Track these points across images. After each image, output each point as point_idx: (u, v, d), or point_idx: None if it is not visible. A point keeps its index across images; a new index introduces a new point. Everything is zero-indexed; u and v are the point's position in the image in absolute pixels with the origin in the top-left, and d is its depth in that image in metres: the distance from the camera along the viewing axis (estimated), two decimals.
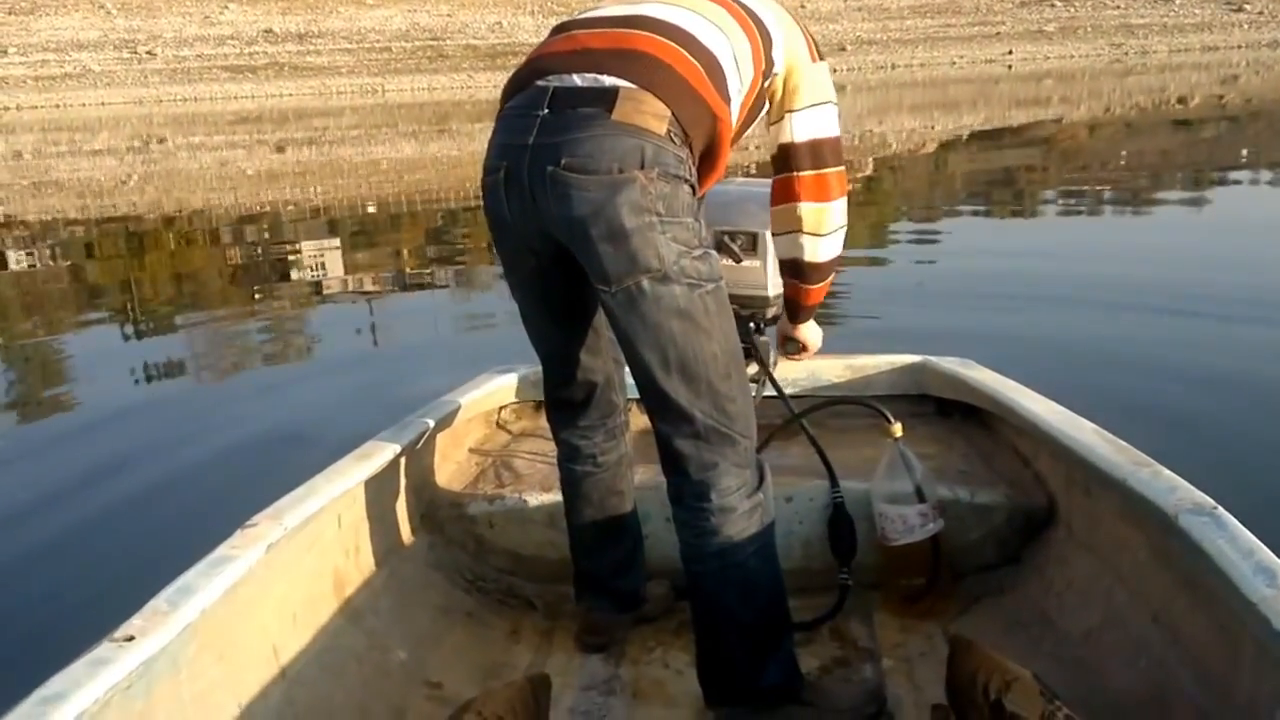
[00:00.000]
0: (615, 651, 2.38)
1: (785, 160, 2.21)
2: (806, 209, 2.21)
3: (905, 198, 12.40)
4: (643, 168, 1.80)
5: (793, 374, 2.97)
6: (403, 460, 2.49)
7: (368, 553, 2.37)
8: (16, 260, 10.76)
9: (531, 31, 50.97)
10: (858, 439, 2.70)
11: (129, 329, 7.46)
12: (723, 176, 2.15)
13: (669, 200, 1.83)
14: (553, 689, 2.06)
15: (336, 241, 11.01)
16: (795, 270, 2.33)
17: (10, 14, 54.60)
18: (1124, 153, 16.61)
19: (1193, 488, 1.88)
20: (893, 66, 51.48)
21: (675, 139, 1.86)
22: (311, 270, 9.42)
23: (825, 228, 2.24)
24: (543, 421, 2.50)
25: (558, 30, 2.10)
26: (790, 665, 2.08)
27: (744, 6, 2.08)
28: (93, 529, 3.77)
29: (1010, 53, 55.07)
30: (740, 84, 2.02)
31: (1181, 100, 26.86)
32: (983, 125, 21.91)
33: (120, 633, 1.61)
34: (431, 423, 2.60)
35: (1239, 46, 54.37)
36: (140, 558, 3.15)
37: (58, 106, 44.74)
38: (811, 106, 2.17)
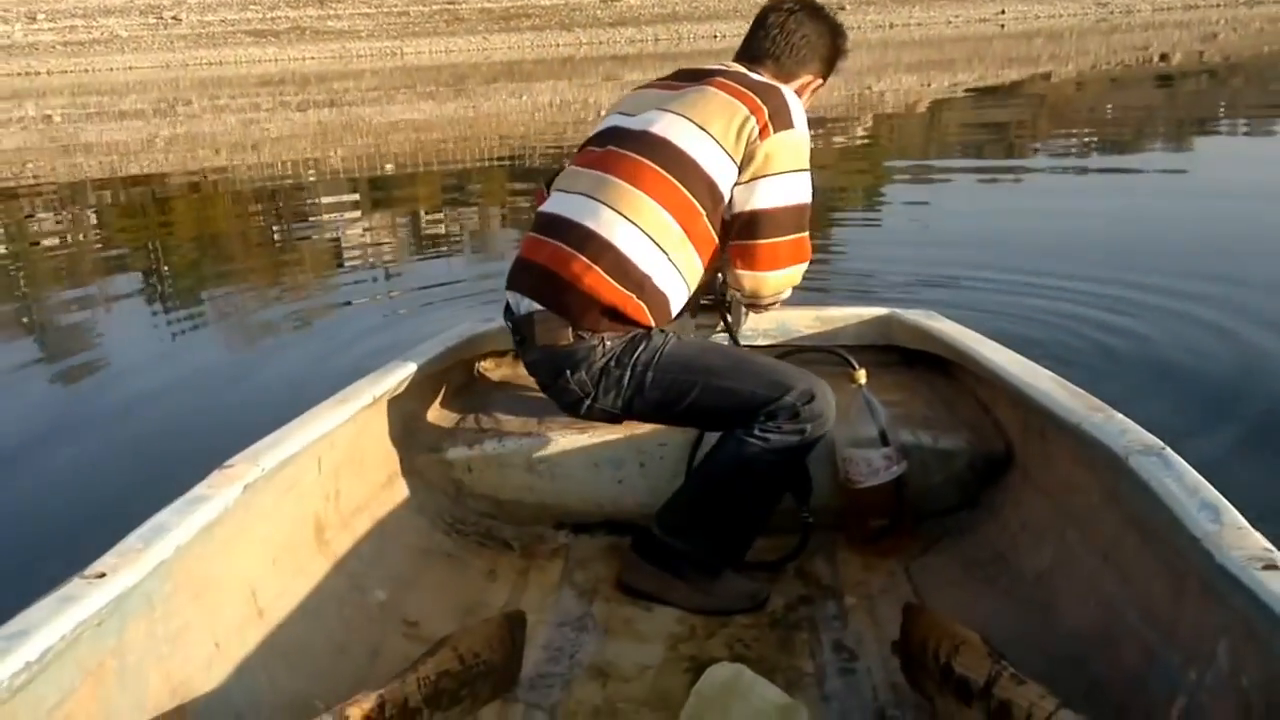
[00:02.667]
0: (588, 590, 2.41)
1: (735, 228, 2.34)
2: (749, 276, 2.38)
3: (901, 153, 12.23)
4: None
5: (763, 325, 2.99)
6: (383, 405, 2.47)
7: (347, 496, 2.33)
8: (46, 220, 10.70)
9: None
10: None
11: (152, 283, 7.38)
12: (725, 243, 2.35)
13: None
14: (527, 626, 2.06)
15: (355, 198, 10.92)
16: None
17: None
18: (1109, 107, 16.46)
19: (1142, 430, 1.89)
20: (890, 26, 51.01)
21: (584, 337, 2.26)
22: (330, 226, 9.33)
23: (767, 292, 2.44)
24: (521, 370, 2.59)
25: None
26: (721, 556, 2.33)
27: (680, 166, 2.25)
28: (89, 468, 3.72)
29: (1003, 12, 54.51)
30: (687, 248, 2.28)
31: (1164, 57, 26.70)
32: (977, 82, 21.67)
33: (91, 570, 1.54)
34: (412, 369, 2.55)
35: (1218, 5, 53.76)
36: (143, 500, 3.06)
37: (86, 71, 44.50)
38: (768, 177, 2.29)
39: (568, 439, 2.58)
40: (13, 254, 8.94)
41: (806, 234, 2.39)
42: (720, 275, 2.49)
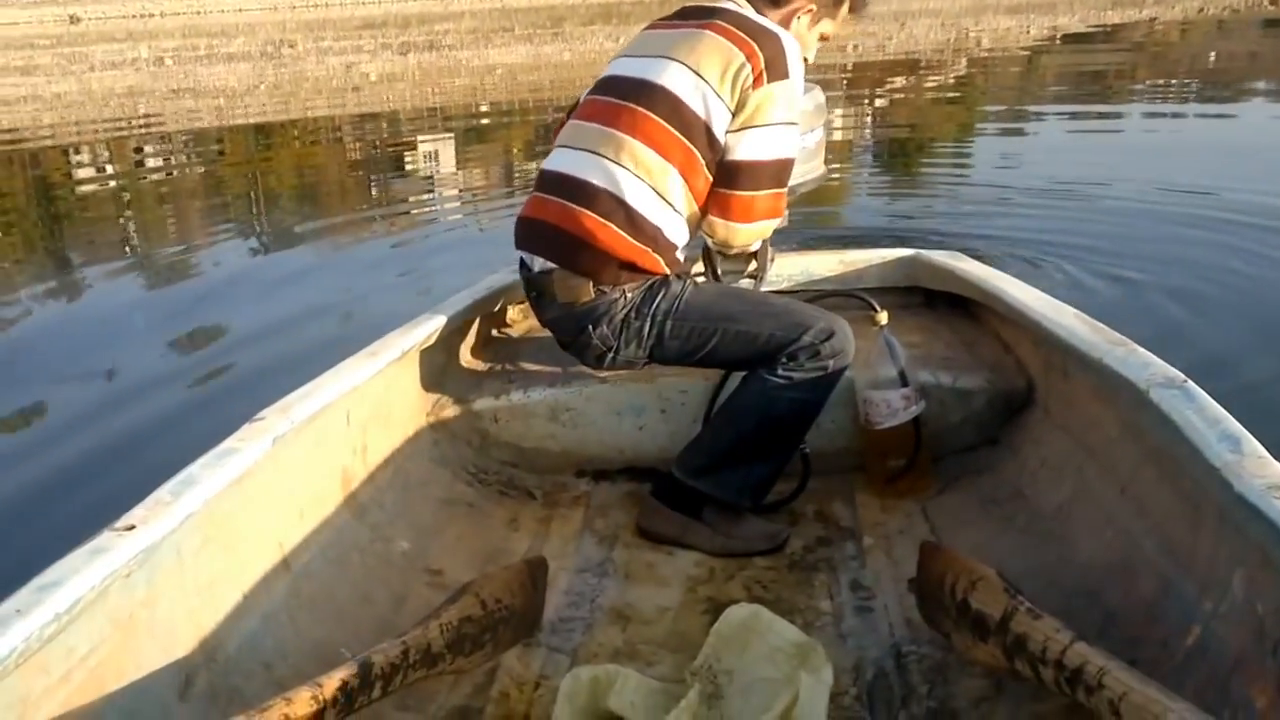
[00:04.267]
0: (609, 536, 2.43)
1: (722, 176, 2.31)
2: (722, 225, 2.35)
3: (995, 98, 11.91)
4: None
5: (788, 270, 2.99)
6: (411, 359, 2.49)
7: (375, 449, 2.36)
8: (155, 159, 11.00)
9: None
10: None
11: (252, 221, 7.59)
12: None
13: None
14: (549, 572, 2.07)
15: (450, 139, 11.01)
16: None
17: None
18: (1213, 54, 15.81)
19: (1165, 363, 1.88)
20: None
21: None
22: (425, 166, 9.45)
23: (737, 243, 2.42)
24: None
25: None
26: (742, 498, 2.34)
27: (678, 114, 2.24)
28: (198, 398, 3.85)
29: None
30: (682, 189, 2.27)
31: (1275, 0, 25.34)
32: (1078, 25, 20.91)
33: (121, 522, 1.56)
34: (439, 322, 2.56)
35: None
36: None
37: (198, 13, 45.21)
38: (755, 128, 2.26)
39: (591, 387, 2.60)
40: (123, 189, 9.24)
41: (784, 190, 2.38)
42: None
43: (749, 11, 2.35)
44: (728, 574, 2.25)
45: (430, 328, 2.51)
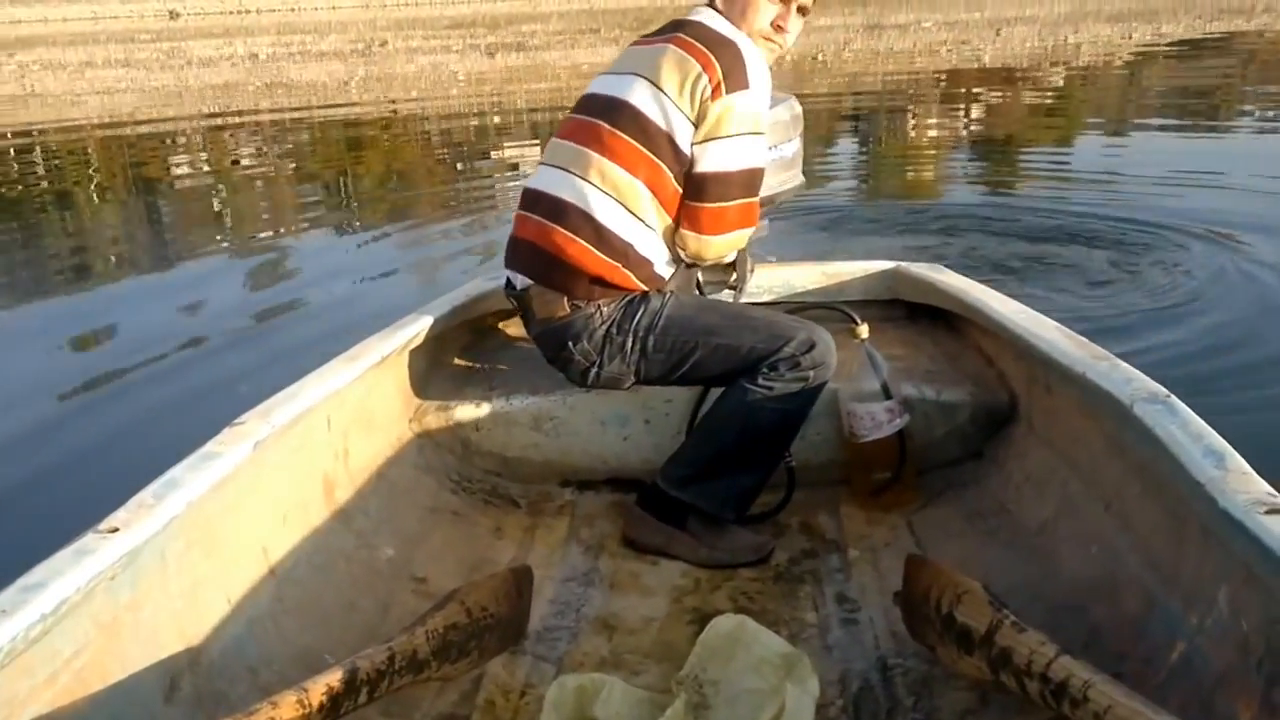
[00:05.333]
0: (594, 546, 2.41)
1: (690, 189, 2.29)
2: (693, 238, 2.33)
3: (1095, 110, 11.60)
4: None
5: (769, 282, 2.96)
6: (391, 364, 2.47)
7: (357, 454, 2.34)
8: (248, 152, 11.15)
9: None
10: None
11: (341, 213, 7.62)
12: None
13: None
14: (534, 581, 2.06)
15: (535, 142, 11.02)
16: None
17: None
18: None
19: (1148, 378, 1.88)
20: None
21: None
22: (510, 164, 9.45)
23: (709, 255, 2.39)
24: None
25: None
26: (726, 509, 2.33)
27: (643, 130, 2.23)
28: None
29: None
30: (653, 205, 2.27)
31: None
32: (1183, 34, 20.35)
33: (105, 524, 1.54)
34: (420, 327, 2.54)
35: None
36: None
37: (293, 10, 46.07)
38: (718, 140, 2.24)
39: (574, 397, 2.57)
40: (218, 181, 9.34)
41: (755, 200, 2.36)
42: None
43: (715, 22, 2.32)
44: (713, 585, 2.24)
45: (410, 333, 2.51)
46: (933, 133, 10.45)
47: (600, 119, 2.30)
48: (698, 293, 2.61)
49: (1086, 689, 1.34)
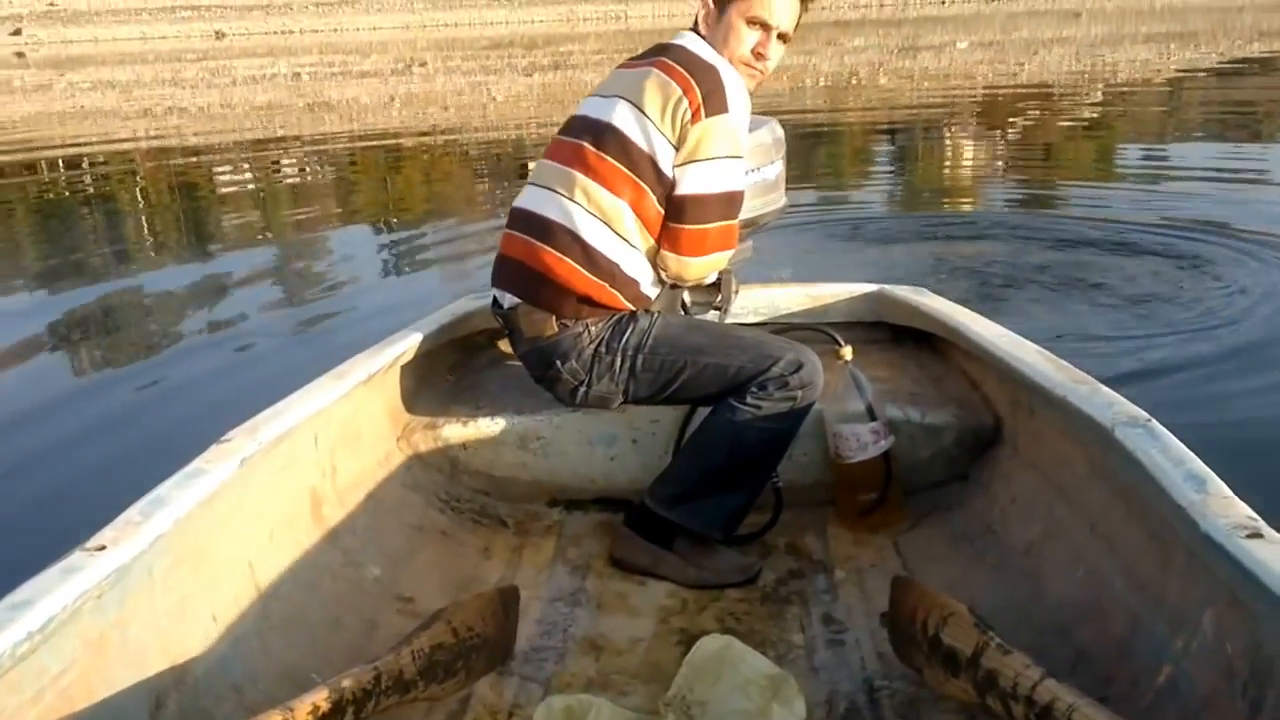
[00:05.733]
0: (581, 565, 2.41)
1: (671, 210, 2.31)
2: (674, 259, 2.35)
3: (1133, 132, 11.51)
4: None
5: (754, 303, 2.98)
6: (379, 382, 2.46)
7: (344, 472, 2.32)
8: (289, 168, 11.28)
9: None
10: None
11: (380, 230, 7.72)
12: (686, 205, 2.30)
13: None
14: (521, 601, 2.06)
15: None
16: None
17: None
18: None
19: (1128, 402, 1.89)
20: None
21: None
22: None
23: (690, 276, 2.42)
24: None
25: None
26: (713, 529, 2.33)
27: (626, 152, 2.26)
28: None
29: None
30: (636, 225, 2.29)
31: None
32: (1221, 57, 20.18)
33: (92, 542, 1.54)
34: (408, 346, 2.55)
35: None
36: None
37: (335, 31, 46.54)
38: (698, 162, 2.26)
39: (561, 416, 2.55)
40: (260, 194, 9.46)
41: (734, 222, 2.38)
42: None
43: (697, 47, 2.34)
44: (700, 605, 2.23)
45: (397, 351, 2.52)
46: (969, 150, 10.42)
47: (585, 140, 2.32)
48: (683, 313, 2.61)
49: (1071, 713, 1.35)
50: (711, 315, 2.65)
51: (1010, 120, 12.54)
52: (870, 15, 40.21)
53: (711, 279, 2.54)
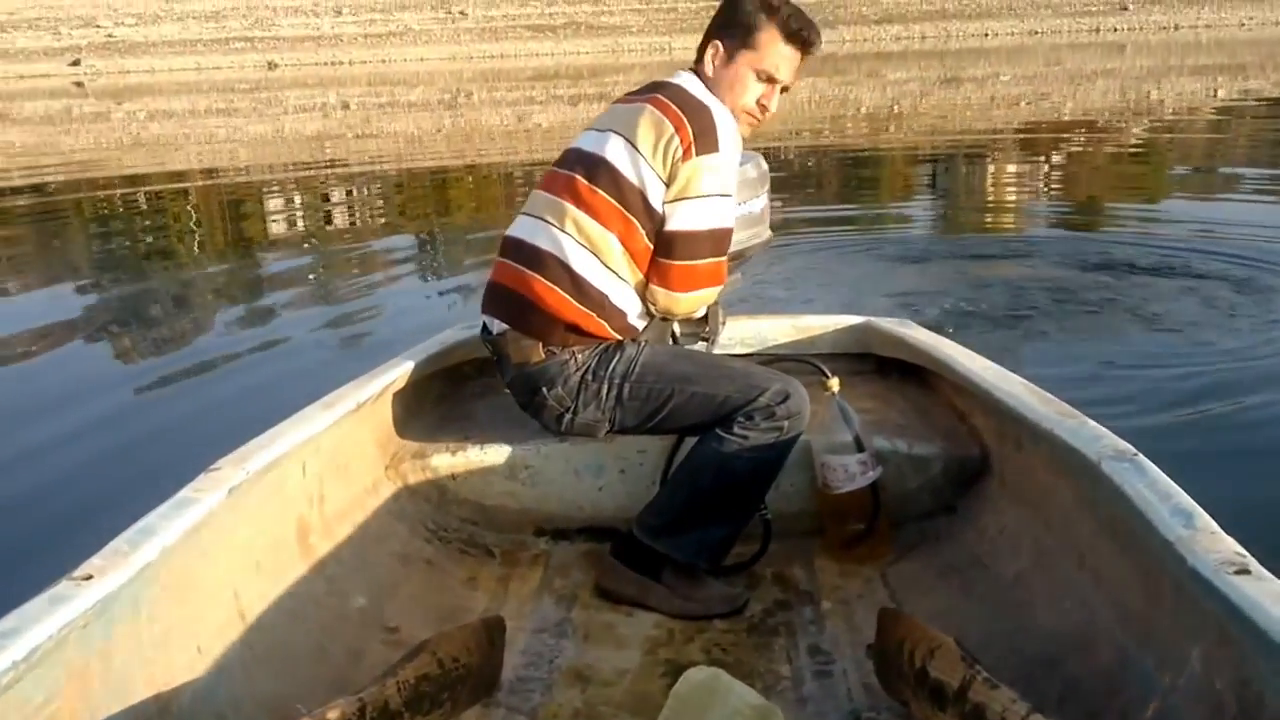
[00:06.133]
0: (568, 596, 2.40)
1: (661, 246, 2.33)
2: (663, 294, 2.37)
3: (1177, 164, 11.43)
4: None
5: (741, 333, 3.00)
6: (367, 411, 2.46)
7: (332, 501, 2.31)
8: (337, 196, 11.44)
9: None
10: None
11: (427, 251, 7.81)
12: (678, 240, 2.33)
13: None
14: (506, 631, 2.04)
15: None
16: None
17: None
18: None
19: (1115, 436, 1.89)
20: (1176, 27, 47.71)
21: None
22: None
23: (678, 311, 2.44)
24: None
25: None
26: (700, 559, 2.33)
27: (617, 186, 2.29)
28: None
29: None
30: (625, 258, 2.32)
31: None
32: (1272, 90, 19.97)
33: (79, 571, 1.54)
34: (397, 375, 2.56)
35: None
36: None
37: (382, 62, 47.12)
38: (688, 200, 2.29)
39: (549, 446, 2.55)
40: (307, 226, 9.60)
41: (724, 259, 2.40)
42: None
43: (693, 87, 2.38)
44: (687, 636, 2.23)
45: (386, 380, 2.52)
46: (1011, 181, 10.40)
47: (578, 173, 2.35)
48: (672, 343, 2.63)
49: None
50: (699, 346, 2.66)
51: (1052, 151, 12.49)
52: (912, 47, 40.18)
53: (701, 313, 2.56)
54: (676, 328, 2.63)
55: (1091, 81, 23.43)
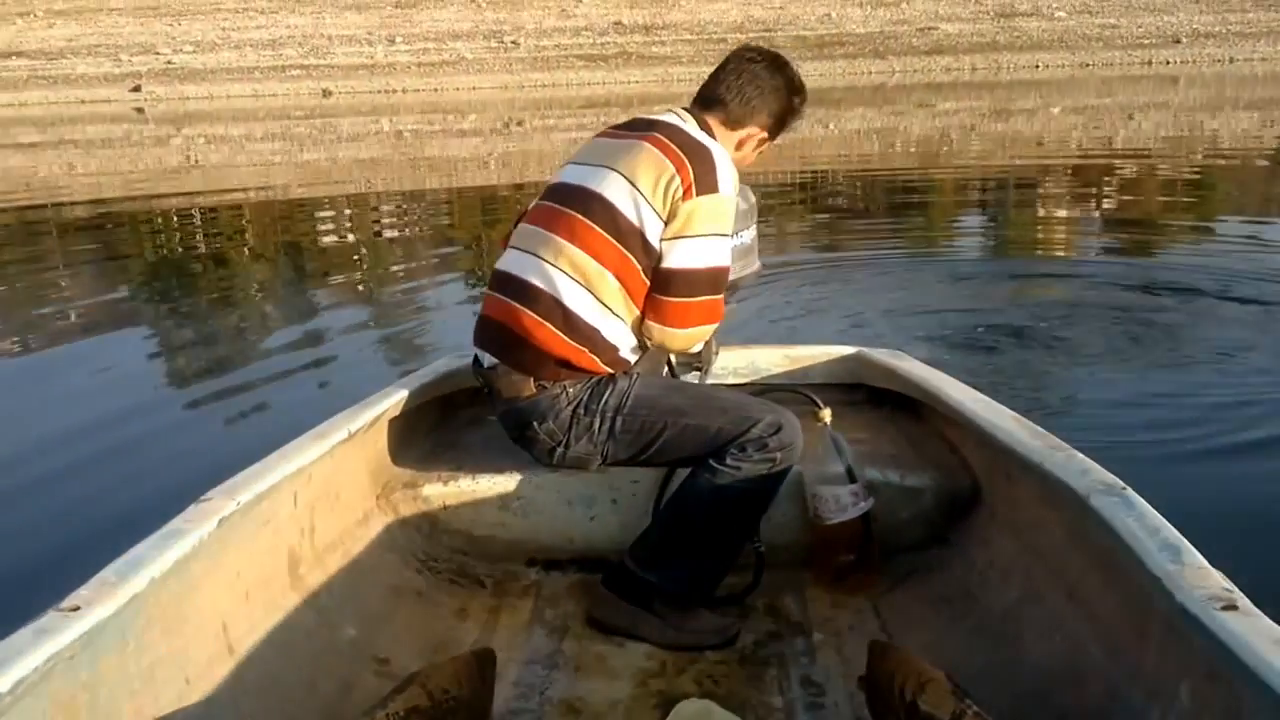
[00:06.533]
0: (559, 627, 2.39)
1: (657, 283, 2.34)
2: (658, 330, 2.37)
3: (1235, 195, 11.28)
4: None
5: (734, 363, 3.00)
6: (359, 441, 2.45)
7: (322, 531, 2.31)
8: (390, 220, 11.56)
9: (859, 23, 49.98)
10: None
11: (477, 275, 7.82)
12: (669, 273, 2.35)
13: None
14: (497, 663, 2.03)
15: None
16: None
17: (397, 7, 58.42)
18: None
19: (1103, 470, 1.89)
20: (1230, 60, 47.10)
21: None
22: None
23: (674, 347, 2.45)
24: None
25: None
26: (693, 590, 2.32)
27: (614, 223, 2.30)
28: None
29: None
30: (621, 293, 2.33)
31: None
32: None
33: (66, 603, 1.52)
34: (389, 405, 2.56)
35: None
36: None
37: (436, 90, 47.56)
38: (687, 238, 2.30)
39: (541, 476, 2.55)
40: (360, 246, 9.71)
41: (720, 297, 2.41)
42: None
43: (688, 125, 2.43)
44: (679, 667, 2.22)
45: (378, 410, 2.51)
46: (1062, 210, 10.31)
47: (573, 209, 2.36)
48: (669, 374, 2.64)
49: None
50: (692, 376, 2.67)
51: (1103, 183, 12.37)
52: (962, 78, 40.02)
53: (696, 349, 2.58)
54: (673, 359, 2.64)
55: (1144, 113, 23.18)
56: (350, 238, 10.64)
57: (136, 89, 42.81)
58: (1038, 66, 43.55)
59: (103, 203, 13.66)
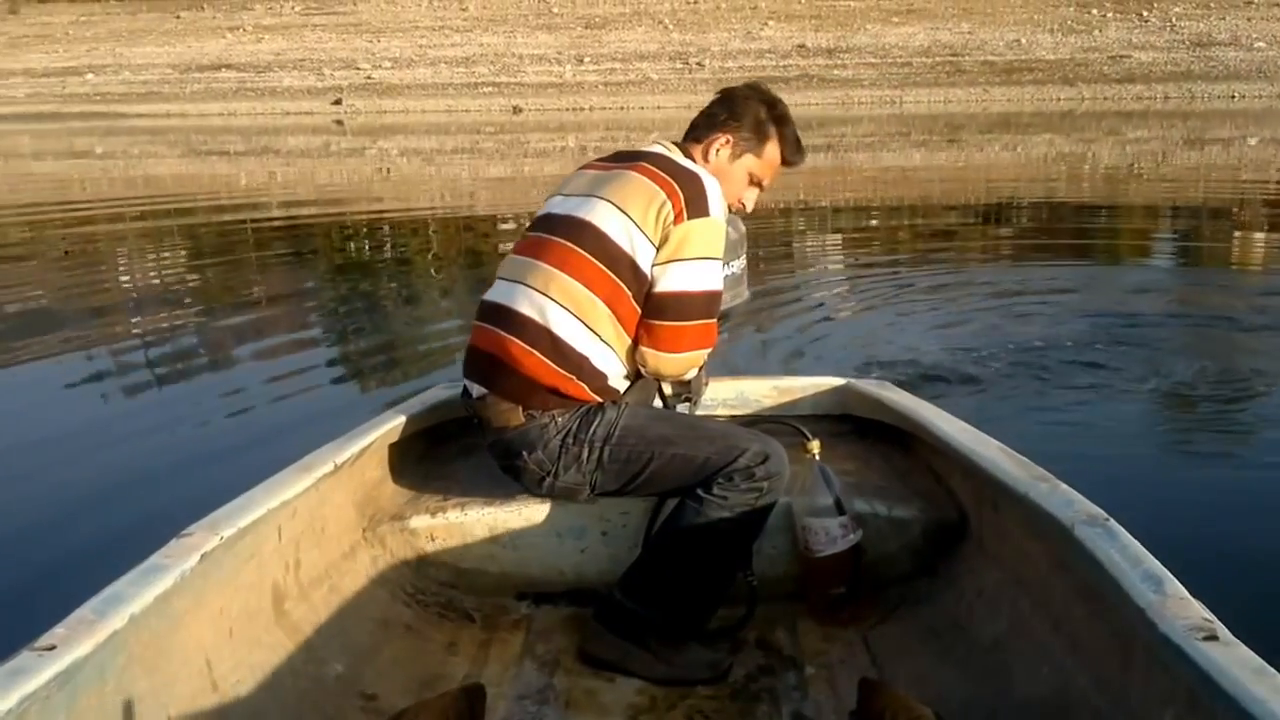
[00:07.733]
0: (550, 661, 2.34)
1: (650, 307, 2.33)
2: (652, 355, 2.35)
3: None
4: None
5: (722, 394, 2.98)
6: (346, 473, 2.40)
7: (308, 565, 2.25)
8: None
9: (1049, 49, 48.39)
10: None
11: None
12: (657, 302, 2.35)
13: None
14: (487, 699, 1.99)
15: (838, 238, 11.03)
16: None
17: (586, 28, 59.48)
18: None
19: (1087, 500, 1.89)
20: None
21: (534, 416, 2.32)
22: (813, 259, 9.49)
23: (668, 372, 2.43)
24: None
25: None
26: (684, 622, 2.30)
27: (606, 251, 2.29)
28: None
29: None
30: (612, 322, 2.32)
31: None
32: None
33: (41, 642, 1.48)
34: (375, 436, 2.52)
35: None
36: None
37: (621, 109, 48.22)
38: (679, 262, 2.29)
39: (530, 509, 2.50)
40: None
41: (713, 321, 2.41)
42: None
43: (675, 155, 2.46)
44: (670, 703, 2.18)
45: (364, 442, 2.44)
46: (1259, 247, 9.72)
47: (563, 238, 2.35)
48: (661, 404, 2.60)
49: None
50: (681, 407, 2.61)
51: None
52: (1154, 107, 38.27)
53: (690, 376, 2.55)
54: (666, 389, 2.59)
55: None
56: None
57: (337, 102, 44.81)
58: (1234, 96, 41.30)
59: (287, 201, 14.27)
